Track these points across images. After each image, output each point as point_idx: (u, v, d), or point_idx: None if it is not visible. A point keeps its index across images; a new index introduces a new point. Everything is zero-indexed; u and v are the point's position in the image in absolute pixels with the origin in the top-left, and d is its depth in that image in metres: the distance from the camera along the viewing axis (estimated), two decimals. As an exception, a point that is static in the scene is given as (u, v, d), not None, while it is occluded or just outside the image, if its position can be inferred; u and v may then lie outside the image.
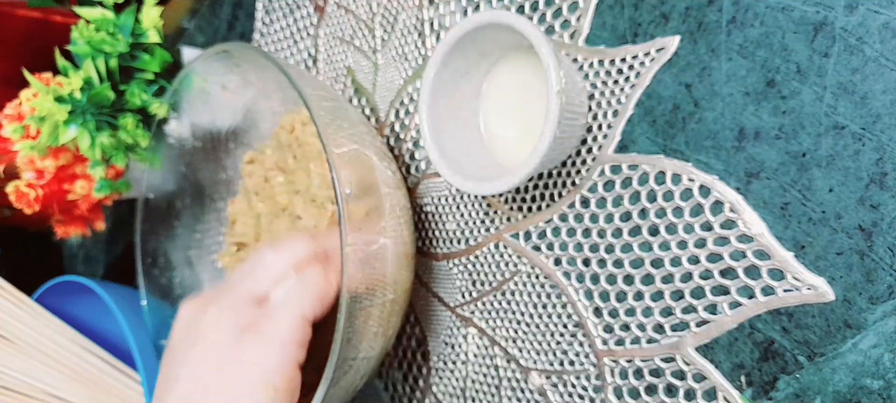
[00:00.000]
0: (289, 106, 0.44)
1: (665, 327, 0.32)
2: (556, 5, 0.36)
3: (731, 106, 0.30)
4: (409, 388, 0.43)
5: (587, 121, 0.34)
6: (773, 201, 0.29)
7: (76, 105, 0.43)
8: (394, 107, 0.43)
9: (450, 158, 0.34)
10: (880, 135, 0.27)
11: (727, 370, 0.30)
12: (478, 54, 0.34)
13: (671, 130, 0.32)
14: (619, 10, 0.34)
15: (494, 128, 0.36)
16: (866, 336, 0.27)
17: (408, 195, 0.39)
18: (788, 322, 0.29)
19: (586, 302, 0.34)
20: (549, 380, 0.36)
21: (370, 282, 0.34)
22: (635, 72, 0.33)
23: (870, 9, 0.27)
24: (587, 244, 0.34)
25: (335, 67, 0.47)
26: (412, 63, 0.42)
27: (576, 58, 0.35)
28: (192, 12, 0.57)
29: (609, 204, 0.34)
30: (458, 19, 0.40)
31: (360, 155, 0.35)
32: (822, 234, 0.28)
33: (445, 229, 0.41)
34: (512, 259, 0.37)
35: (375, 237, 0.34)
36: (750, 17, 0.30)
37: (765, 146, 0.29)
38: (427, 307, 0.42)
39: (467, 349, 0.40)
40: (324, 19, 0.47)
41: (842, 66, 0.28)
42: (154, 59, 0.45)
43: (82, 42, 0.43)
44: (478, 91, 0.36)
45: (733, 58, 0.30)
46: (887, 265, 0.27)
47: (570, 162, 0.35)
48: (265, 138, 0.45)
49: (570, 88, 0.30)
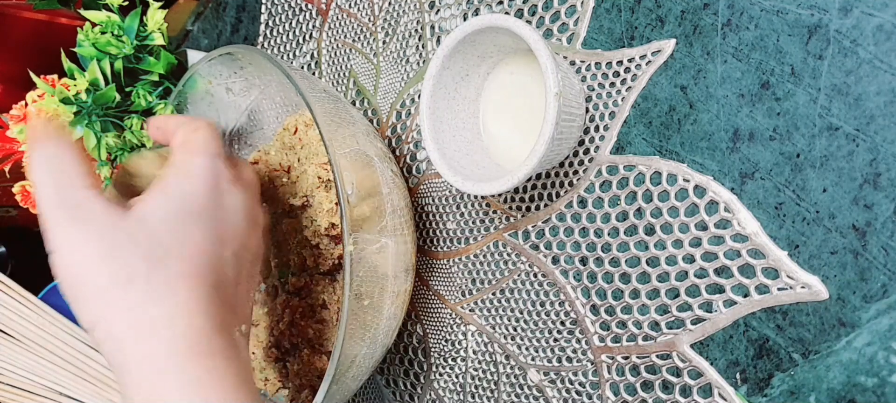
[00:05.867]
0: (292, 108, 0.44)
1: (661, 324, 0.32)
2: (554, 9, 0.36)
3: (726, 107, 0.31)
4: (409, 384, 0.44)
5: (584, 123, 0.35)
6: (768, 201, 0.30)
7: (82, 106, 0.43)
8: (395, 109, 0.44)
9: (450, 159, 0.34)
10: (874, 135, 0.27)
11: (722, 367, 0.31)
12: (477, 57, 0.35)
13: (667, 132, 0.32)
14: (616, 13, 0.34)
15: (493, 130, 0.36)
16: (860, 333, 0.27)
17: (409, 195, 0.40)
18: (783, 320, 0.29)
19: (584, 299, 0.35)
20: (546, 377, 0.36)
21: (372, 280, 0.35)
22: (632, 74, 0.33)
23: (864, 11, 0.27)
24: (584, 243, 0.35)
25: (338, 70, 0.47)
26: (413, 66, 0.43)
27: (573, 61, 0.35)
28: (197, 15, 0.58)
29: (606, 203, 0.34)
30: (458, 23, 0.40)
31: (362, 156, 0.36)
32: (816, 234, 0.28)
33: (445, 228, 0.41)
34: (511, 258, 0.38)
35: (377, 236, 0.35)
36: (745, 20, 0.30)
37: (759, 147, 0.30)
38: (427, 304, 0.42)
39: (467, 346, 0.40)
40: (326, 23, 0.48)
41: (836, 68, 0.28)
42: (159, 62, 0.46)
43: (88, 44, 0.44)
44: (477, 93, 0.36)
45: (728, 60, 0.31)
46: (881, 264, 0.27)
47: (568, 162, 0.35)
48: (269, 139, 0.45)
49: (568, 91, 0.31)
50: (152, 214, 0.28)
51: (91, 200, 0.27)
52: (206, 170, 0.30)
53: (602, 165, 0.34)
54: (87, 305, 0.26)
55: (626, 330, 0.33)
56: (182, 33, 0.59)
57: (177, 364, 0.26)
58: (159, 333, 0.26)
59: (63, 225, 0.26)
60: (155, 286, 0.26)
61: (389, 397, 0.45)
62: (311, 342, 0.41)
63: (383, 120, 0.44)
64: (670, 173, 0.32)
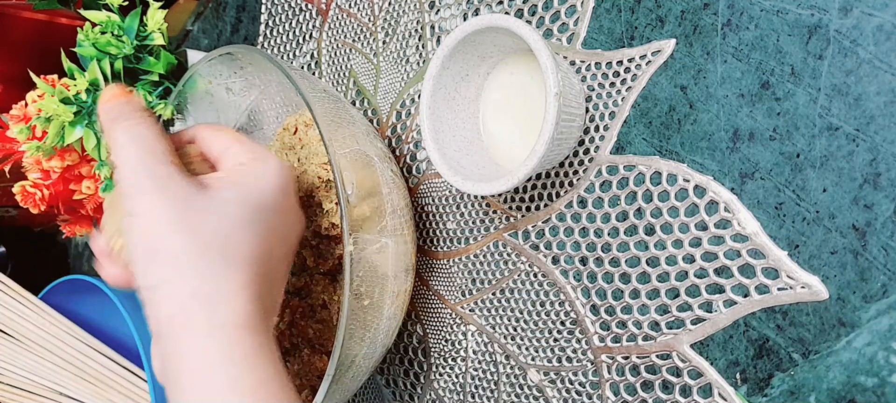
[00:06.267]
0: (292, 108, 0.44)
1: (661, 324, 0.32)
2: (554, 9, 0.36)
3: (726, 107, 0.31)
4: (409, 384, 0.44)
5: (584, 123, 0.35)
6: (768, 201, 0.30)
7: (82, 106, 0.43)
8: (395, 109, 0.44)
9: (450, 159, 0.34)
10: (874, 135, 0.27)
11: (722, 367, 0.31)
12: (477, 57, 0.35)
13: (667, 132, 0.32)
14: (616, 13, 0.34)
15: (494, 130, 0.36)
16: (860, 333, 0.27)
17: (409, 195, 0.40)
18: (783, 320, 0.29)
19: (584, 299, 0.35)
20: (546, 377, 0.36)
21: (372, 280, 0.35)
22: (632, 74, 0.33)
23: (864, 11, 0.27)
24: (584, 243, 0.35)
25: (338, 70, 0.47)
26: (413, 66, 0.43)
27: (573, 61, 0.35)
28: (197, 15, 0.58)
29: (606, 203, 0.34)
30: (458, 23, 0.40)
31: (362, 156, 0.36)
32: (816, 234, 0.28)
33: (445, 228, 0.41)
34: (511, 257, 0.38)
35: (377, 236, 0.35)
36: (745, 20, 0.30)
37: (759, 147, 0.30)
38: (427, 304, 0.42)
39: (467, 346, 0.40)
40: (326, 23, 0.48)
41: (836, 68, 0.28)
42: (159, 62, 0.46)
43: (88, 44, 0.44)
44: (477, 93, 0.36)
45: (728, 60, 0.31)
46: (881, 264, 0.27)
47: (568, 162, 0.35)
48: (269, 139, 0.45)
49: (568, 91, 0.31)
50: (230, 198, 0.29)
51: (175, 174, 0.29)
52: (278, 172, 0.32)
53: (602, 165, 0.34)
54: (156, 266, 0.28)
55: (626, 330, 0.33)
56: (182, 33, 0.59)
57: (229, 336, 0.27)
58: (219, 305, 0.28)
59: (148, 191, 0.28)
60: (223, 263, 0.28)
61: (389, 397, 0.45)
62: (311, 342, 0.41)
63: (383, 120, 0.44)
64: (670, 173, 0.32)
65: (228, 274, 0.28)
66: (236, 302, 0.28)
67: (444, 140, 0.35)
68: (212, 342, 0.27)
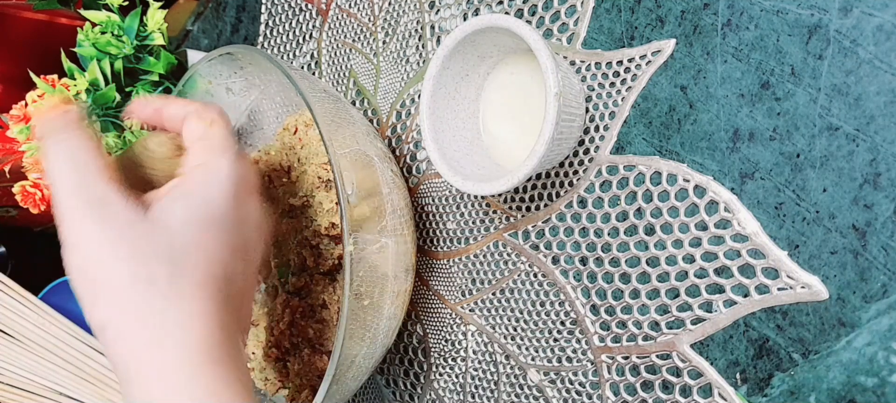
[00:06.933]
0: (292, 108, 0.44)
1: (661, 324, 0.32)
2: (554, 9, 0.36)
3: (726, 107, 0.31)
4: (409, 384, 0.44)
5: (584, 123, 0.35)
6: (768, 201, 0.30)
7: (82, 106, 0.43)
8: (395, 109, 0.44)
9: (450, 159, 0.34)
10: (874, 135, 0.27)
11: (722, 367, 0.31)
12: (477, 57, 0.35)
13: (667, 132, 0.32)
14: (616, 13, 0.34)
15: (494, 130, 0.36)
16: (860, 333, 0.27)
17: (409, 195, 0.40)
18: (783, 320, 0.29)
19: (584, 299, 0.35)
20: (546, 377, 0.36)
21: (372, 280, 0.35)
22: (632, 74, 0.33)
23: (864, 11, 0.27)
24: (584, 243, 0.35)
25: (338, 70, 0.47)
26: (413, 66, 0.43)
27: (573, 61, 0.35)
28: (197, 15, 0.58)
29: (606, 203, 0.34)
30: (458, 23, 0.40)
31: (362, 156, 0.36)
32: (816, 234, 0.28)
33: (445, 228, 0.41)
34: (511, 257, 0.38)
35: (377, 236, 0.35)
36: (745, 20, 0.30)
37: (759, 147, 0.30)
38: (427, 304, 0.42)
39: (467, 345, 0.40)
40: (326, 23, 0.48)
41: (836, 68, 0.28)
42: (159, 62, 0.46)
43: (88, 44, 0.44)
44: (477, 93, 0.36)
45: (728, 60, 0.31)
46: (881, 264, 0.27)
47: (568, 162, 0.35)
48: (269, 139, 0.45)
49: (568, 91, 0.31)
50: (175, 216, 0.27)
51: (112, 195, 0.26)
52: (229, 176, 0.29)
53: (602, 165, 0.34)
54: (101, 304, 0.26)
55: (626, 330, 0.33)
56: (182, 33, 0.59)
57: (189, 371, 0.25)
58: (174, 338, 0.25)
59: (82, 219, 0.25)
60: (174, 290, 0.26)
61: (389, 397, 0.45)
62: (311, 342, 0.41)
63: (383, 120, 0.44)
64: (670, 173, 0.32)
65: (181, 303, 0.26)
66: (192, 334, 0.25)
67: (444, 140, 0.35)
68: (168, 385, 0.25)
